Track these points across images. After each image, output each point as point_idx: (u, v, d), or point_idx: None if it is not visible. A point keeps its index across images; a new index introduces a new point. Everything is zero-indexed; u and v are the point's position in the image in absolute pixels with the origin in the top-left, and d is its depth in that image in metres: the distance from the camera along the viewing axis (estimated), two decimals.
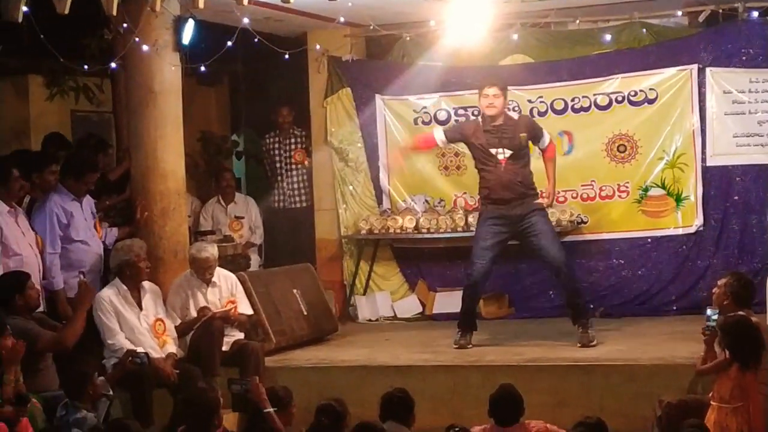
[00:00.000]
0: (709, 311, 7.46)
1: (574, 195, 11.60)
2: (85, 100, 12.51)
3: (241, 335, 9.49)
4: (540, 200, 9.84)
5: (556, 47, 11.97)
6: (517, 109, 11.55)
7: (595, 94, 11.61)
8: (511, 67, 12.00)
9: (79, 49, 11.21)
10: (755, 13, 11.08)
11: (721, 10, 11.17)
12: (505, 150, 9.69)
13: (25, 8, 8.68)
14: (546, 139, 9.93)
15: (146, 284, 9.03)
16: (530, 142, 9.88)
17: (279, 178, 12.73)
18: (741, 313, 7.40)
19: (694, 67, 11.29)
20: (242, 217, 12.19)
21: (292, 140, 12.70)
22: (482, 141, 9.77)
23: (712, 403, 7.03)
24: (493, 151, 9.72)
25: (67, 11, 8.76)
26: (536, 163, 10.11)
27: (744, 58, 11.19)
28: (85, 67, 10.71)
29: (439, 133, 10.18)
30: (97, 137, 11.27)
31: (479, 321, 10.46)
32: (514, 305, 11.84)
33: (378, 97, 12.28)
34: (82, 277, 8.76)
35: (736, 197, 11.28)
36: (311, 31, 12.17)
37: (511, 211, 9.72)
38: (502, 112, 9.78)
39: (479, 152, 9.85)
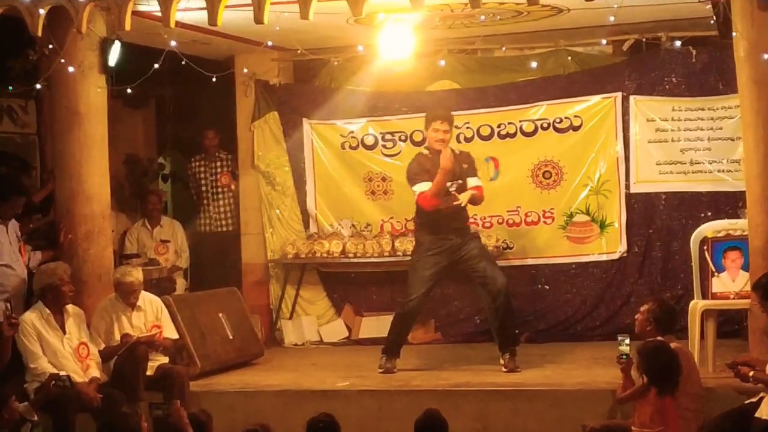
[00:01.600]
0: (620, 338, 7.53)
1: (500, 221, 11.68)
2: (9, 121, 12.38)
3: (165, 359, 9.40)
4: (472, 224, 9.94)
5: (483, 74, 12.06)
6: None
7: (521, 121, 11.71)
8: (438, 93, 12.08)
9: (4, 69, 11.10)
10: (678, 43, 11.24)
11: (644, 39, 11.33)
12: (455, 183, 9.71)
13: None
14: (477, 180, 9.91)
15: (70, 308, 8.93)
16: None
17: (205, 201, 12.67)
18: (659, 338, 7.48)
19: (618, 95, 11.45)
20: (168, 241, 12.08)
21: (218, 163, 12.65)
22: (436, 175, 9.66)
23: (632, 428, 7.10)
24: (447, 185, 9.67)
25: None
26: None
27: (667, 86, 11.36)
28: (10, 87, 10.61)
29: (422, 187, 9.69)
30: (19, 159, 11.17)
31: (406, 346, 10.45)
32: (440, 330, 11.87)
33: (305, 121, 12.29)
34: (8, 306, 8.61)
35: (658, 224, 11.43)
36: (239, 55, 12.17)
37: (450, 242, 9.73)
38: (446, 146, 9.75)
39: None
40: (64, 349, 8.72)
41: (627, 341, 7.47)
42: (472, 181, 9.85)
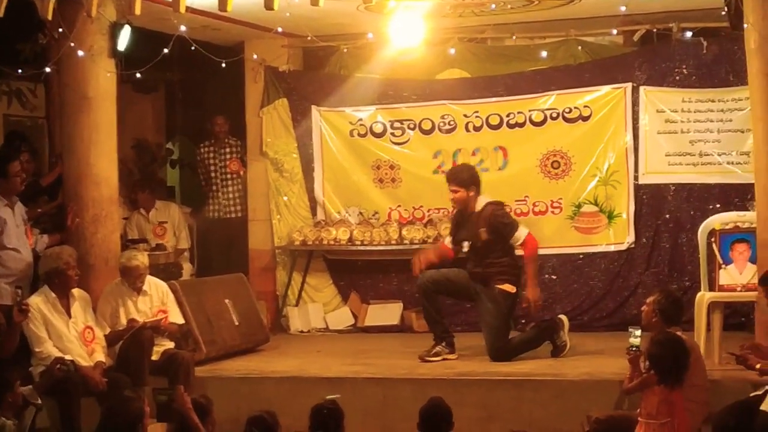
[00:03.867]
0: (630, 329, 7.49)
1: (508, 210, 11.63)
2: (18, 104, 12.39)
3: (171, 344, 9.40)
4: (506, 287, 9.72)
5: (493, 62, 12.04)
6: (452, 123, 11.69)
7: (530, 110, 11.70)
8: (447, 82, 12.07)
9: (13, 53, 11.12)
10: (689, 34, 11.20)
11: (655, 30, 11.31)
12: (465, 243, 9.75)
13: None
14: (521, 234, 9.71)
15: (75, 292, 8.93)
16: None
17: (214, 187, 12.65)
18: (668, 330, 7.45)
19: (629, 85, 11.42)
20: (165, 222, 12.06)
21: (227, 150, 12.63)
22: (455, 232, 9.92)
23: (639, 419, 7.08)
24: (460, 243, 9.81)
25: (1, 14, 8.68)
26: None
27: (677, 77, 11.33)
28: (19, 71, 10.60)
29: (448, 241, 10.15)
30: (20, 135, 11.28)
31: (410, 334, 10.43)
32: (445, 319, 11.81)
33: (314, 109, 12.29)
34: (19, 292, 8.57)
35: (667, 215, 11.41)
36: (249, 41, 12.14)
37: (472, 277, 9.78)
38: (466, 205, 9.74)
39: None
40: (70, 333, 8.71)
41: (638, 333, 7.43)
42: (516, 239, 9.72)
